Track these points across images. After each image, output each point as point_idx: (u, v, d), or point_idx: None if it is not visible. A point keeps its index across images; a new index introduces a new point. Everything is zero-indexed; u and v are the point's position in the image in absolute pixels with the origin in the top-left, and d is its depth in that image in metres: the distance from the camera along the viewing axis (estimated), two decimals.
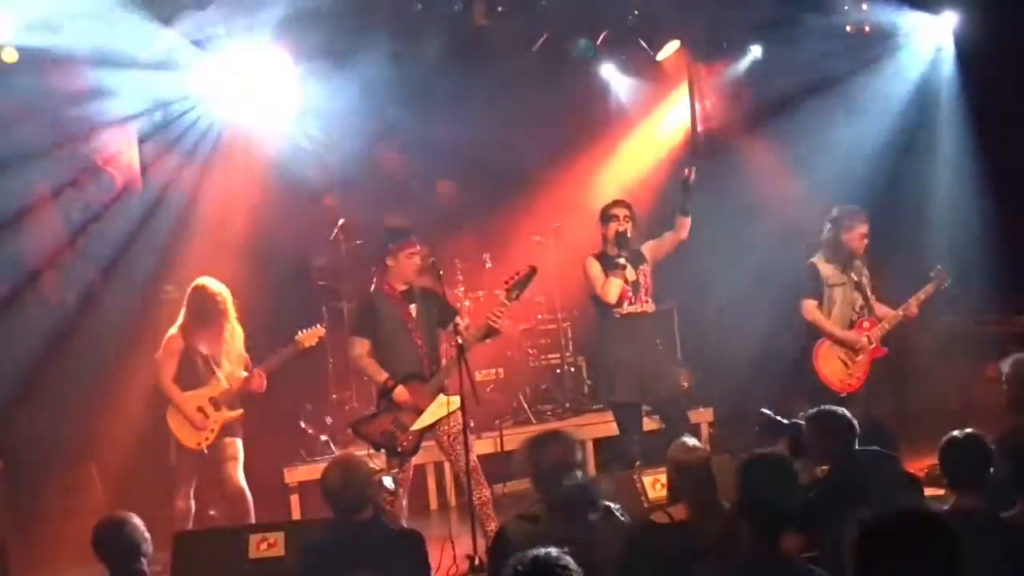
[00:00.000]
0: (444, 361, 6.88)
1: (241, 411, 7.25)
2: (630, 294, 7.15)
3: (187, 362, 7.14)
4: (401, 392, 6.73)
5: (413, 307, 6.91)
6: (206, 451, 7.13)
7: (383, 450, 6.92)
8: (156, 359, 7.18)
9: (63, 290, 9.20)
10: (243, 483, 7.19)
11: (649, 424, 8.06)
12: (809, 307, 7.34)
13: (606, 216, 7.26)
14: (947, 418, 7.06)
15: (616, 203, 7.35)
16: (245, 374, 7.19)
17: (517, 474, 4.86)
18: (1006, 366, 5.70)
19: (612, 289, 7.10)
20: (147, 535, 4.52)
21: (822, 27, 9.49)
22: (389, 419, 6.77)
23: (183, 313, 7.21)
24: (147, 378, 7.55)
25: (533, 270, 6.97)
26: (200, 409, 7.12)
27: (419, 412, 6.75)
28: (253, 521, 7.01)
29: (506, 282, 6.96)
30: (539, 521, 4.38)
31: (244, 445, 7.42)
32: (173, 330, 7.16)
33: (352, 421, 7.39)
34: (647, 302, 7.24)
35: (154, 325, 7.59)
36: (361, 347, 6.89)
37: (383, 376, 6.79)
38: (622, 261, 7.09)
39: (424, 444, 7.18)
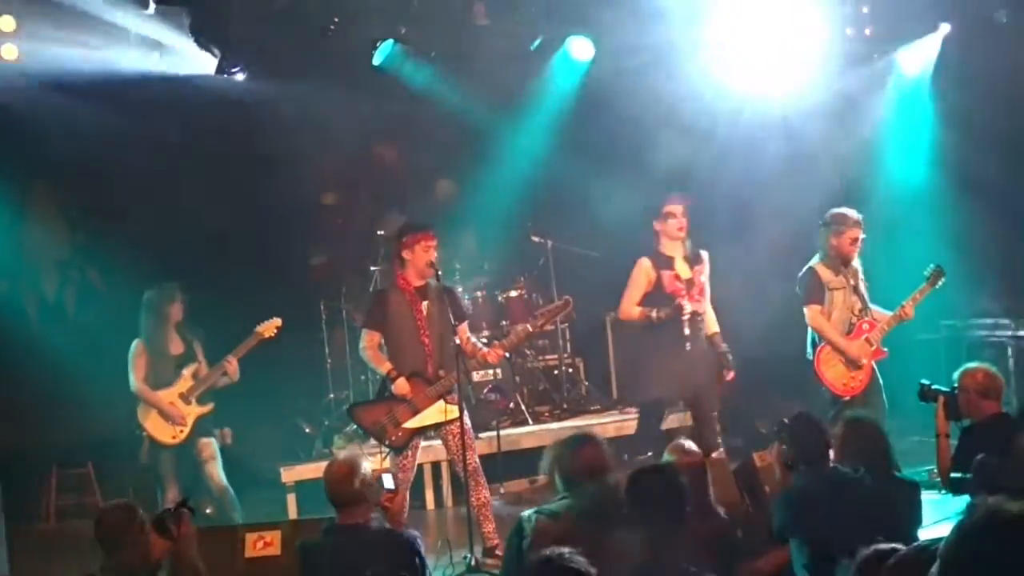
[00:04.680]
0: (449, 372, 6.75)
1: (212, 406, 7.36)
2: (683, 291, 7.20)
3: (155, 363, 7.22)
4: (402, 385, 6.66)
5: (425, 304, 6.81)
6: (182, 444, 7.21)
7: (373, 439, 6.92)
8: (129, 367, 7.26)
9: (63, 288, 9.23)
10: (225, 481, 7.27)
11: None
12: (814, 314, 7.29)
13: (663, 214, 7.27)
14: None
15: (673, 200, 7.33)
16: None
17: (543, 470, 4.86)
18: (958, 375, 5.93)
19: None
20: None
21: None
22: (384, 410, 6.73)
23: (143, 317, 7.33)
24: None
25: (566, 303, 7.00)
26: (172, 404, 7.25)
27: (416, 411, 6.72)
28: (239, 517, 7.04)
29: (537, 314, 7.02)
30: (559, 518, 4.39)
31: (241, 443, 7.48)
32: (139, 335, 7.30)
33: (351, 404, 7.41)
34: (699, 301, 7.26)
35: None
36: (370, 339, 6.84)
37: (387, 366, 6.73)
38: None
39: (423, 444, 7.19)
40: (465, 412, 6.70)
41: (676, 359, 7.13)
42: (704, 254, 7.42)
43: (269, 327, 7.39)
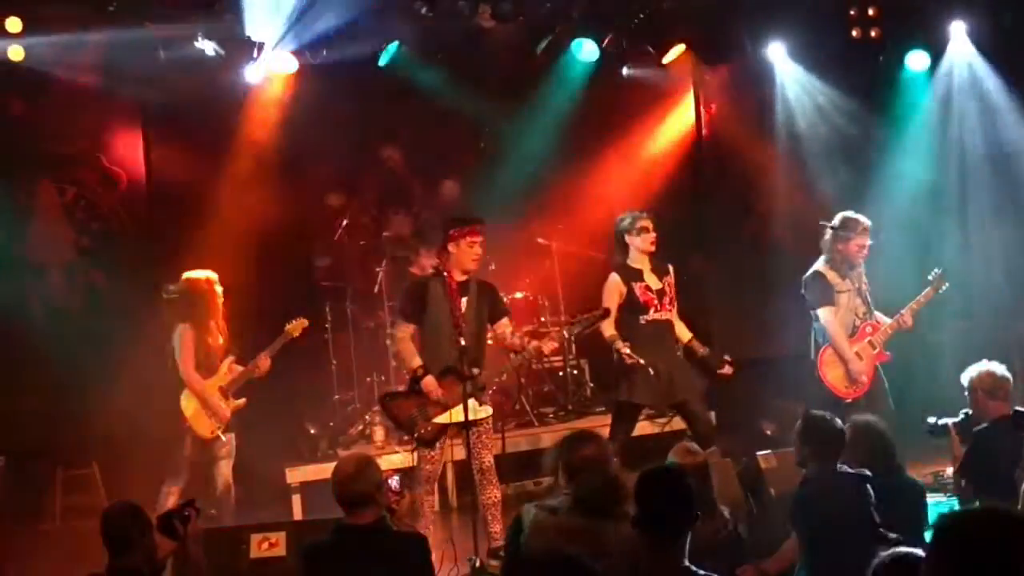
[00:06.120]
0: (483, 370, 6.77)
1: (244, 400, 7.33)
2: (655, 302, 7.18)
3: (200, 352, 7.19)
4: (429, 382, 6.66)
5: (465, 300, 6.79)
6: (223, 438, 7.19)
7: (403, 431, 6.90)
8: (179, 355, 7.15)
9: (67, 289, 9.23)
10: (231, 480, 7.27)
11: (644, 428, 8.08)
12: (831, 316, 7.25)
13: (636, 228, 7.22)
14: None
15: (644, 215, 7.29)
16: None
17: (547, 467, 4.93)
18: (966, 377, 5.98)
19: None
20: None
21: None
22: (416, 404, 6.73)
23: (188, 306, 7.19)
24: (148, 376, 7.57)
25: (605, 312, 7.00)
26: (215, 399, 7.20)
27: (447, 407, 6.69)
28: (229, 520, 7.03)
29: (571, 318, 7.09)
30: (557, 513, 4.40)
31: (246, 444, 7.47)
32: (184, 324, 7.15)
33: (383, 393, 7.38)
34: (670, 310, 7.26)
35: (156, 324, 7.59)
36: (404, 331, 6.82)
37: (416, 363, 6.71)
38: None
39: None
40: (489, 411, 6.81)
41: (658, 368, 7.08)
42: (670, 267, 7.39)
43: (296, 326, 7.39)
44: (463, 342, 6.65)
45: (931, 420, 6.20)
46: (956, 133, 9.94)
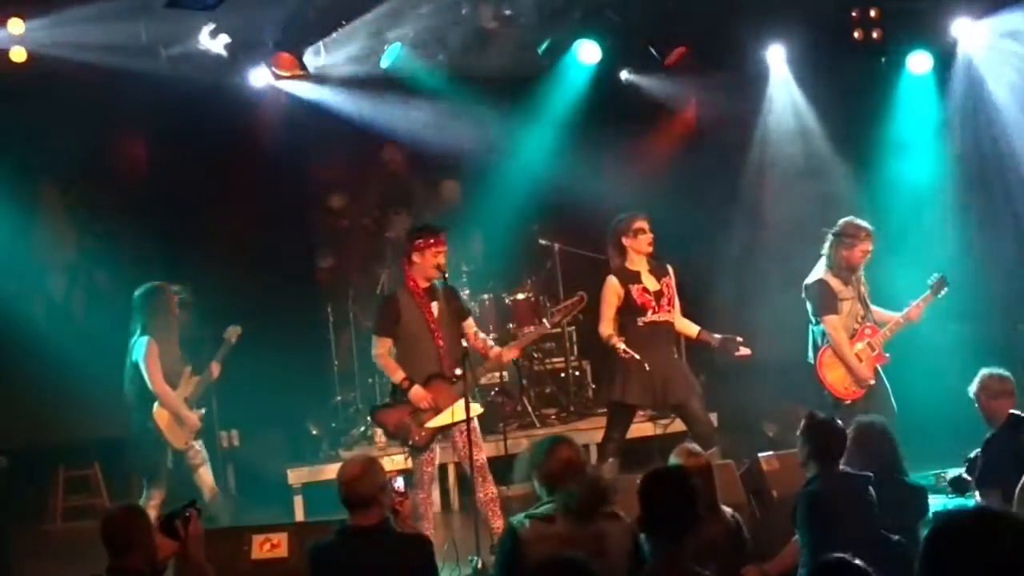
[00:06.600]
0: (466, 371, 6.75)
1: (204, 410, 7.31)
2: (653, 303, 7.17)
3: (165, 364, 7.12)
4: (416, 392, 6.69)
5: (435, 305, 6.84)
6: (196, 446, 7.17)
7: (396, 440, 6.91)
8: (146, 369, 7.04)
9: (70, 290, 9.25)
10: (214, 483, 7.28)
11: (646, 430, 8.06)
12: (835, 325, 7.20)
13: (633, 230, 7.21)
14: (948, 425, 7.08)
15: (640, 216, 7.27)
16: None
17: (518, 479, 4.93)
18: (971, 389, 5.96)
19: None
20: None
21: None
22: (407, 411, 6.75)
23: (149, 318, 7.10)
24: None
25: (581, 299, 7.04)
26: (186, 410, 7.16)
27: (439, 411, 6.73)
28: (227, 520, 7.02)
29: (554, 311, 7.17)
30: (553, 521, 4.39)
31: (248, 445, 7.47)
32: (146, 336, 7.04)
33: (373, 406, 7.40)
34: (669, 311, 7.26)
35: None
36: (382, 346, 6.84)
37: (400, 375, 6.74)
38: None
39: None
40: (479, 409, 6.80)
41: (654, 369, 7.07)
42: (669, 267, 7.38)
43: (232, 333, 7.34)
44: (441, 344, 6.75)
45: (944, 478, 6.21)
46: (960, 133, 9.95)
